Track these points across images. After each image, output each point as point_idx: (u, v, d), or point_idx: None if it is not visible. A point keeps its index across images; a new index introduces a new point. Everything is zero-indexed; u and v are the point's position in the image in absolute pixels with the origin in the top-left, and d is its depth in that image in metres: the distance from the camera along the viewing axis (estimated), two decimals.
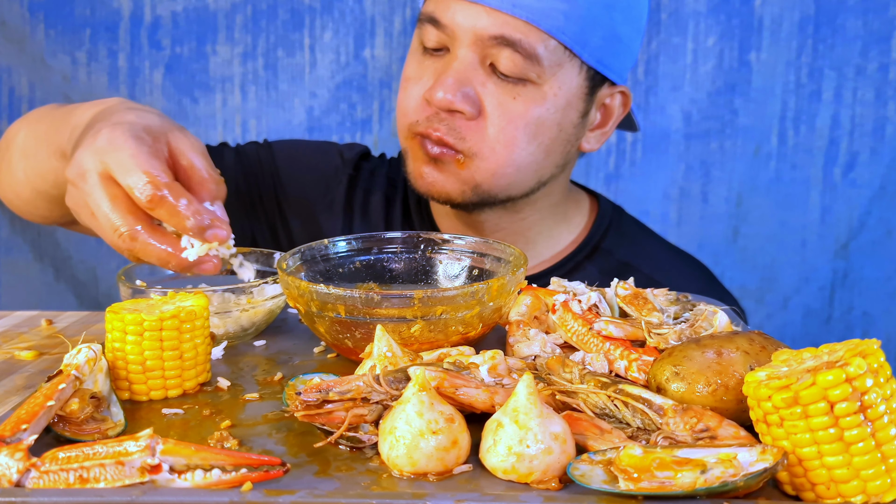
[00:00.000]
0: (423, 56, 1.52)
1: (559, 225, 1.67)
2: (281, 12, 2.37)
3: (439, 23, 1.46)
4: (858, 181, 2.35)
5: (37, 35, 2.34)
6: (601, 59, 1.49)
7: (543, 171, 1.54)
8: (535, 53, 1.43)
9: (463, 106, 1.44)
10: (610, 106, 1.59)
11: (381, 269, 1.27)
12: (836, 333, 2.40)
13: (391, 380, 0.90)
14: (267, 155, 1.74)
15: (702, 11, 2.31)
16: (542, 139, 1.49)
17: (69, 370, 0.94)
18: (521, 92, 1.45)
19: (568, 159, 1.58)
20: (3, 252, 2.46)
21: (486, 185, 1.50)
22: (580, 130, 1.55)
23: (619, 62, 1.53)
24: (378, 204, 1.71)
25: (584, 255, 1.65)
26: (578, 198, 1.73)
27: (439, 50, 1.49)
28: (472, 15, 1.43)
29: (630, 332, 1.08)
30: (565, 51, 1.45)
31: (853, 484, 0.78)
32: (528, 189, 1.55)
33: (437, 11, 1.46)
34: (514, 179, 1.51)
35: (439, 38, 1.47)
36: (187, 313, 1.02)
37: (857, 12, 2.28)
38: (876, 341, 0.80)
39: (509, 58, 1.42)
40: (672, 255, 1.74)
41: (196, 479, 0.81)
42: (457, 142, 1.46)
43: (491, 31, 1.42)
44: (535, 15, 1.41)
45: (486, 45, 1.43)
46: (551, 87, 1.46)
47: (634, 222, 1.76)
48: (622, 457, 0.81)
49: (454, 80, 1.44)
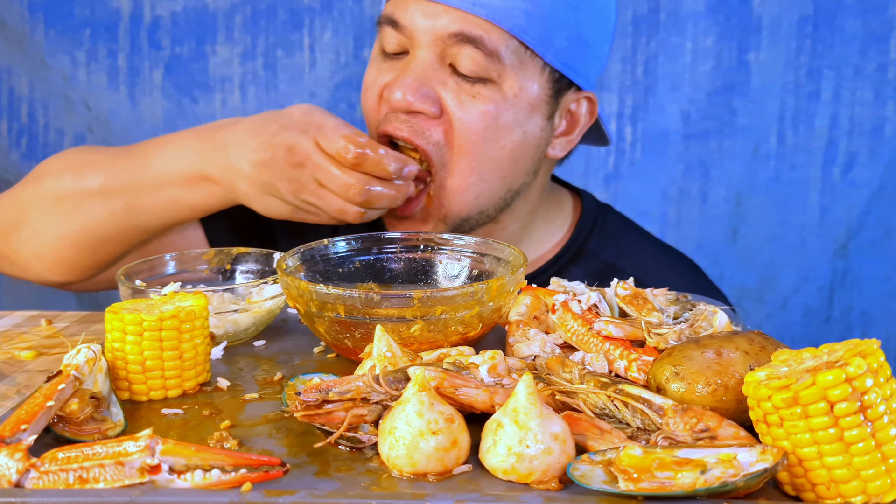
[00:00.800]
0: (382, 61, 1.50)
1: (540, 229, 1.64)
2: (280, 12, 2.36)
3: (398, 24, 1.45)
4: (857, 181, 2.35)
5: (36, 35, 2.34)
6: (566, 61, 1.47)
7: (513, 179, 1.51)
8: (496, 51, 1.41)
9: (423, 106, 1.43)
10: (576, 112, 1.55)
11: (380, 269, 1.27)
12: (835, 333, 2.40)
13: (391, 380, 0.90)
14: None
15: (700, 11, 2.31)
16: (504, 142, 1.46)
17: (69, 370, 0.94)
18: (481, 91, 1.43)
19: (538, 165, 1.55)
20: None
21: (456, 209, 1.48)
22: (547, 133, 1.52)
23: (585, 66, 1.50)
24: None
25: (567, 259, 1.62)
26: (561, 198, 1.69)
27: (400, 54, 1.48)
28: (431, 14, 1.42)
29: (630, 332, 1.08)
30: (527, 51, 1.43)
31: (853, 484, 0.78)
32: (499, 199, 1.52)
33: (396, 13, 1.45)
34: (482, 189, 1.48)
35: (399, 41, 1.46)
36: (187, 313, 1.02)
37: (856, 12, 2.28)
38: (875, 341, 0.80)
39: (469, 56, 1.41)
40: (659, 254, 1.71)
41: (196, 479, 0.81)
42: (422, 141, 1.45)
43: (450, 28, 1.41)
44: (495, 13, 1.40)
45: (445, 45, 1.42)
46: (512, 87, 1.44)
47: (620, 221, 1.72)
48: (622, 457, 0.81)
49: (413, 79, 1.43)
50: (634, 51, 2.34)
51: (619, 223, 1.71)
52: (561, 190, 1.71)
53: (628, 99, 2.36)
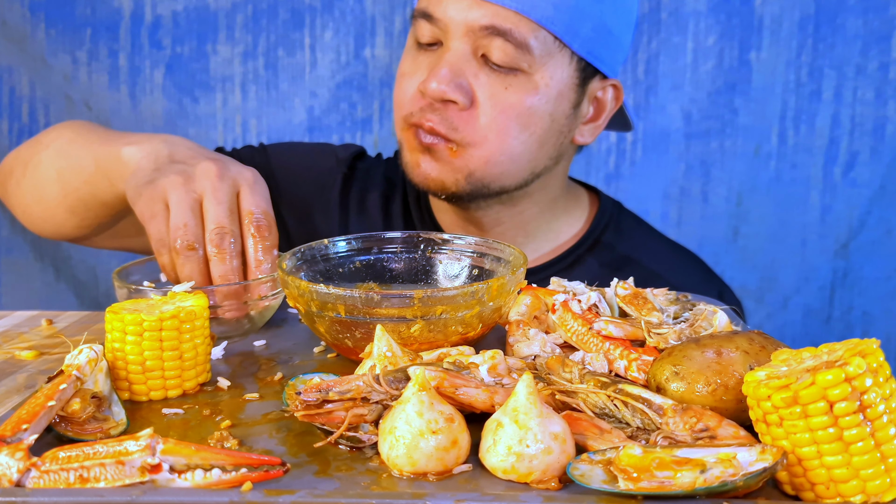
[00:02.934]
0: (417, 52, 1.55)
1: (559, 219, 1.69)
2: (281, 12, 2.37)
3: (432, 17, 1.50)
4: (858, 181, 2.35)
5: (37, 35, 2.34)
6: (591, 50, 1.52)
7: (537, 162, 1.56)
8: (526, 43, 1.46)
9: (455, 96, 1.47)
10: (602, 99, 1.61)
11: (381, 268, 1.27)
12: (835, 333, 2.40)
13: (391, 380, 0.90)
14: (262, 158, 1.75)
15: (702, 11, 2.31)
16: (534, 129, 1.52)
17: (70, 371, 0.94)
18: (512, 82, 1.49)
19: (562, 151, 1.60)
20: (4, 252, 2.46)
21: (480, 174, 1.53)
22: (572, 122, 1.58)
23: (610, 54, 1.55)
24: (375, 202, 1.73)
25: (584, 249, 1.67)
26: (578, 193, 1.75)
27: (433, 45, 1.53)
28: (463, 7, 1.47)
29: (630, 331, 1.08)
30: (555, 41, 1.48)
31: (852, 484, 0.78)
32: (521, 180, 1.57)
33: (430, 6, 1.51)
34: (507, 168, 1.53)
35: (433, 33, 1.51)
36: (187, 313, 1.03)
37: (857, 12, 2.28)
38: (875, 341, 0.80)
39: (500, 48, 1.46)
40: (671, 250, 1.76)
41: (196, 478, 0.81)
42: (449, 132, 1.50)
43: (482, 21, 1.46)
44: (524, 5, 1.45)
45: (477, 37, 1.47)
46: (542, 77, 1.50)
47: (634, 217, 1.78)
48: (622, 457, 0.81)
49: (448, 70, 1.47)
50: (636, 50, 2.34)
51: (632, 219, 1.78)
52: (578, 187, 1.78)
53: (629, 98, 2.36)
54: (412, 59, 1.56)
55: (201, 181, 1.20)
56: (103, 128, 1.60)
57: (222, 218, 1.18)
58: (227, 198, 1.19)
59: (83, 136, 1.53)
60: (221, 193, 1.19)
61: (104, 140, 1.46)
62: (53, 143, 1.57)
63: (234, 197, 1.21)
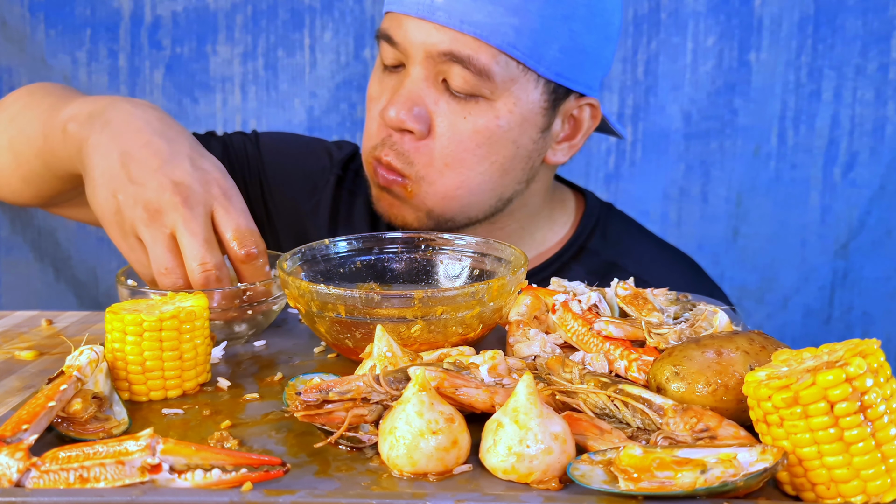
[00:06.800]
0: (383, 74, 1.52)
1: (541, 228, 1.65)
2: (281, 12, 2.37)
3: (393, 40, 1.46)
4: (858, 181, 2.35)
5: (37, 35, 2.34)
6: (561, 72, 1.46)
7: (503, 190, 1.51)
8: (487, 69, 1.41)
9: (413, 125, 1.43)
10: (578, 118, 1.55)
11: (381, 269, 1.27)
12: (835, 333, 2.41)
13: (391, 380, 0.90)
14: (253, 147, 1.72)
15: (701, 11, 2.31)
16: (495, 157, 1.47)
17: (71, 371, 0.94)
18: (472, 110, 1.44)
19: (532, 174, 1.54)
20: (3, 252, 2.47)
21: (439, 210, 1.49)
22: (542, 145, 1.52)
23: (584, 74, 1.49)
24: (361, 208, 1.70)
25: (569, 256, 1.62)
26: (564, 197, 1.70)
27: (397, 67, 1.49)
28: (422, 32, 1.42)
29: (630, 332, 1.08)
30: (519, 65, 1.43)
31: (853, 484, 0.78)
32: (489, 208, 1.52)
33: (391, 29, 1.47)
34: (469, 201, 1.49)
35: (395, 55, 1.47)
36: (187, 314, 1.02)
37: (857, 12, 2.28)
38: (876, 341, 0.80)
39: (460, 75, 1.41)
40: (660, 252, 1.71)
41: (196, 478, 0.81)
42: (405, 167, 1.46)
43: (441, 47, 1.41)
44: (484, 31, 1.39)
45: (437, 62, 1.42)
46: (505, 104, 1.44)
47: (623, 220, 1.73)
48: (622, 457, 0.81)
49: (406, 97, 1.44)
50: (635, 51, 2.34)
51: (620, 222, 1.72)
52: (564, 189, 1.72)
53: (629, 99, 2.36)
54: (378, 81, 1.52)
55: (170, 214, 1.13)
56: (59, 91, 1.50)
57: (201, 253, 1.13)
58: (201, 228, 1.14)
59: (36, 103, 1.44)
60: (194, 224, 1.13)
61: (52, 108, 1.36)
62: (8, 108, 1.49)
63: (209, 220, 1.15)
